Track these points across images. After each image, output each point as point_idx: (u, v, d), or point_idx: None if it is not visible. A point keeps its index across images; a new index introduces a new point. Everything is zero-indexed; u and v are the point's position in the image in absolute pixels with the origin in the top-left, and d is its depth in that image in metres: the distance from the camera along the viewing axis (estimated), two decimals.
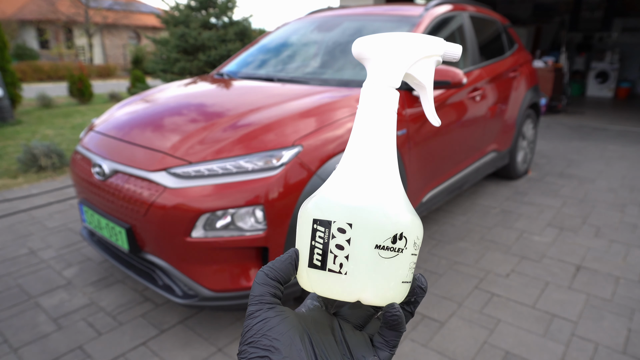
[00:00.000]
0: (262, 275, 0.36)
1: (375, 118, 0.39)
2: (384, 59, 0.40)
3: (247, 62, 3.07)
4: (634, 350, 1.83)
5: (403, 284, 0.36)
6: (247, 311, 0.35)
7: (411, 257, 0.36)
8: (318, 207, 0.36)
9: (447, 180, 2.83)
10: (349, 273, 0.34)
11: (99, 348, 1.86)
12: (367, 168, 0.37)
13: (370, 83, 0.40)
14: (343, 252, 0.34)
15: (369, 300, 0.35)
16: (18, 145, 5.27)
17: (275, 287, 0.36)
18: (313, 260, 0.36)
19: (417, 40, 0.40)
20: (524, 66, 3.90)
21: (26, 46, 20.35)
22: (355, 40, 0.41)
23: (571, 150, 5.27)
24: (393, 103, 0.39)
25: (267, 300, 0.35)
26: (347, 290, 0.35)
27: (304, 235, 0.37)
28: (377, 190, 0.36)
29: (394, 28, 2.67)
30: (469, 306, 2.14)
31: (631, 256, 2.64)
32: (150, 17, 25.52)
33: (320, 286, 0.36)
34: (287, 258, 0.37)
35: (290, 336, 0.33)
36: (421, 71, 0.41)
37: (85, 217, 2.12)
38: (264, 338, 0.33)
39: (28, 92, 10.35)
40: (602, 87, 10.21)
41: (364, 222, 0.34)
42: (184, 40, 8.73)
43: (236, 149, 1.77)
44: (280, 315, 0.34)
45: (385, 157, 0.38)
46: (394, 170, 0.38)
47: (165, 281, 1.87)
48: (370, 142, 0.38)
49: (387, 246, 0.34)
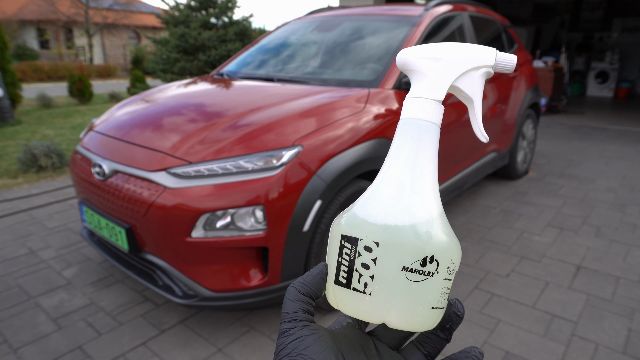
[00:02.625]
0: (293, 291, 0.35)
1: (415, 134, 0.36)
2: (428, 71, 0.38)
3: (247, 62, 3.07)
4: (634, 350, 1.83)
5: (433, 309, 0.34)
6: (280, 328, 0.34)
7: (444, 282, 0.34)
8: (347, 223, 0.35)
9: (447, 180, 2.83)
10: (373, 294, 0.33)
11: (98, 348, 1.86)
12: (401, 184, 0.35)
13: (413, 95, 0.38)
14: (368, 271, 0.33)
15: (394, 324, 0.34)
16: (18, 145, 5.27)
17: (307, 303, 0.35)
18: (339, 277, 0.35)
19: (465, 51, 0.38)
20: (524, 66, 3.90)
21: (26, 46, 20.35)
22: (401, 50, 0.39)
23: (571, 150, 5.27)
24: (436, 117, 0.37)
25: (301, 317, 0.34)
26: (371, 311, 0.33)
27: (332, 250, 0.36)
28: (409, 209, 0.34)
29: (394, 28, 2.67)
30: (469, 306, 2.14)
31: (631, 256, 2.64)
32: (150, 17, 25.52)
33: (346, 305, 0.35)
34: (318, 273, 0.36)
35: (326, 356, 0.32)
36: (469, 84, 0.38)
37: (85, 217, 2.12)
38: (299, 357, 0.32)
39: (28, 92, 10.35)
40: (602, 87, 10.21)
41: (391, 242, 0.32)
42: (184, 40, 8.73)
43: (236, 149, 1.77)
44: (315, 333, 0.33)
45: (422, 173, 0.36)
46: (432, 188, 0.36)
47: (165, 281, 1.87)
48: (407, 157, 0.36)
49: (415, 269, 0.32)
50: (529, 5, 11.07)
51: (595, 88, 10.29)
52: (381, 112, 2.15)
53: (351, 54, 2.66)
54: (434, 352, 0.38)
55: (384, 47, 2.54)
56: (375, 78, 2.34)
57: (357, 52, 2.64)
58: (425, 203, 0.35)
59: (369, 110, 2.12)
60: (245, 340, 1.91)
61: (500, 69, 0.39)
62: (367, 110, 2.11)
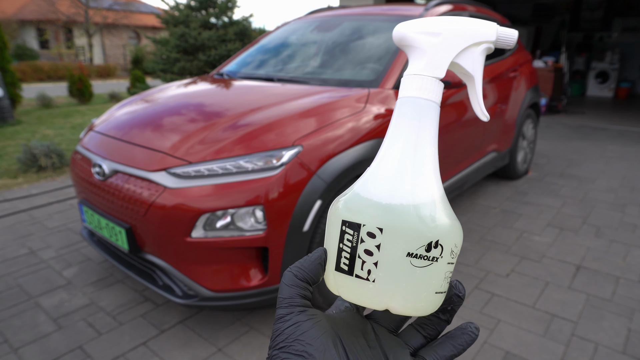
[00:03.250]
0: (290, 275, 0.35)
1: (415, 113, 0.35)
2: (427, 46, 0.36)
3: (247, 62, 3.07)
4: (634, 350, 1.83)
5: (437, 294, 0.34)
6: (276, 314, 0.34)
7: (447, 266, 0.33)
8: (347, 208, 0.33)
9: (447, 180, 2.83)
10: (377, 281, 0.32)
11: (99, 348, 1.86)
12: (402, 164, 0.34)
13: (411, 73, 0.36)
14: (372, 258, 0.32)
15: (397, 310, 0.33)
16: (18, 145, 5.27)
17: (304, 289, 0.34)
18: (340, 264, 0.33)
19: (466, 25, 0.36)
20: (524, 66, 3.89)
21: (26, 46, 20.36)
22: (397, 25, 0.38)
23: (571, 150, 5.27)
24: (436, 96, 0.35)
25: (298, 302, 0.34)
26: (374, 298, 0.33)
27: (332, 235, 0.34)
28: (412, 189, 0.33)
29: (393, 28, 2.67)
30: (469, 306, 2.14)
31: (631, 256, 2.64)
32: (150, 17, 25.52)
33: (347, 291, 0.34)
34: (316, 258, 0.35)
35: (323, 341, 0.32)
36: (469, 60, 0.36)
37: (85, 217, 2.12)
38: (296, 343, 0.31)
39: (28, 92, 10.35)
40: (602, 87, 10.21)
41: (395, 228, 0.31)
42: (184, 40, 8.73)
43: (236, 149, 1.77)
44: (313, 319, 0.33)
45: (424, 154, 0.34)
46: (433, 169, 0.35)
47: (165, 281, 1.87)
48: (408, 137, 0.34)
49: (420, 254, 0.32)
50: (529, 5, 11.07)
51: (595, 88, 10.29)
52: (381, 112, 2.15)
53: (351, 54, 2.66)
54: (434, 333, 0.38)
55: (384, 47, 2.54)
56: (375, 78, 2.35)
57: (357, 52, 2.64)
58: (428, 185, 0.33)
59: (369, 110, 2.12)
60: (245, 340, 1.91)
61: (501, 44, 0.37)
62: (367, 110, 2.11)
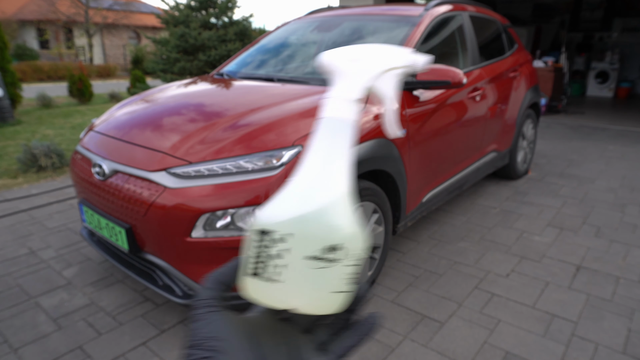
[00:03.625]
0: (208, 279, 0.38)
1: (330, 131, 0.39)
2: (344, 73, 0.40)
3: (247, 62, 3.07)
4: (634, 350, 1.83)
5: (338, 294, 0.37)
6: (192, 314, 0.36)
7: (347, 268, 0.36)
8: (260, 217, 0.37)
9: (447, 180, 2.83)
10: (283, 282, 0.35)
11: (99, 348, 1.86)
12: (311, 177, 0.38)
13: (330, 96, 0.40)
14: (279, 261, 0.35)
15: (304, 309, 0.36)
16: (18, 145, 5.27)
17: (222, 291, 0.37)
18: (252, 269, 0.36)
19: (380, 53, 0.40)
20: (524, 66, 3.90)
21: (26, 46, 20.34)
22: (323, 53, 0.43)
23: (571, 150, 5.28)
24: (350, 114, 0.40)
25: (214, 303, 0.36)
26: (282, 299, 0.36)
27: (248, 243, 0.38)
28: (318, 200, 0.36)
29: (393, 28, 2.67)
30: (469, 306, 2.14)
31: (631, 256, 2.64)
32: (150, 17, 25.51)
33: (258, 294, 0.36)
34: (234, 265, 0.38)
35: (236, 339, 0.34)
36: (382, 84, 0.41)
37: (85, 217, 2.12)
38: (209, 340, 0.33)
39: (28, 92, 10.34)
40: (602, 87, 10.21)
41: (300, 234, 0.35)
42: (184, 40, 8.73)
43: (236, 149, 1.77)
44: (227, 318, 0.35)
45: (332, 166, 0.38)
46: (341, 181, 0.38)
47: (165, 281, 1.87)
48: (319, 153, 0.39)
49: (319, 256, 0.35)
50: (529, 5, 11.06)
51: (595, 88, 10.29)
52: (381, 112, 2.15)
53: None
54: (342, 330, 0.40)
55: None
56: None
57: None
58: (333, 194, 0.37)
59: (369, 110, 2.12)
60: None
61: (416, 70, 0.42)
62: (367, 110, 2.11)
